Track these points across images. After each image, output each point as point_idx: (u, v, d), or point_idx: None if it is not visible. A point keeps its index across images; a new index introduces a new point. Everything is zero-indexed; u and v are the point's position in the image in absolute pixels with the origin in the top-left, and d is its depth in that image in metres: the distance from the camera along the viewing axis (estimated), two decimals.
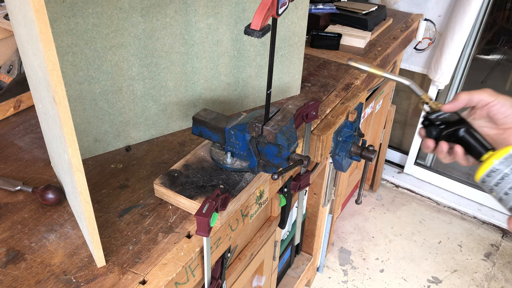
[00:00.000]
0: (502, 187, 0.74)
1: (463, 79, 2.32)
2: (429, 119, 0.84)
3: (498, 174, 0.74)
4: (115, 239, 0.84)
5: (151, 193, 0.95)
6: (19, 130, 1.13)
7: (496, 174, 0.74)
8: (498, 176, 0.74)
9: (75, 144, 0.65)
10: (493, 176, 0.74)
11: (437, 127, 0.83)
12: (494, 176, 0.74)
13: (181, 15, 1.02)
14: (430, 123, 0.84)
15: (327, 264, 2.18)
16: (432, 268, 2.18)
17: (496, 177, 0.74)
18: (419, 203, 2.55)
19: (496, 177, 0.74)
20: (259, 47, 1.18)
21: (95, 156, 1.06)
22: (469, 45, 2.19)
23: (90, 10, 0.90)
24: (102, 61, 0.96)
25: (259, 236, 1.22)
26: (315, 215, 1.72)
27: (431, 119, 0.83)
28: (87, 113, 1.00)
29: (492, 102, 0.77)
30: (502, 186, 0.74)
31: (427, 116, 0.84)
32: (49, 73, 0.59)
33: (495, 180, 0.74)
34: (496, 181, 0.74)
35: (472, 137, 0.80)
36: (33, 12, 0.55)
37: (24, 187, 0.94)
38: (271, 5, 0.73)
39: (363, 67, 0.90)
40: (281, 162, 0.89)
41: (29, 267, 0.79)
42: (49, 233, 0.85)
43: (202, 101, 1.17)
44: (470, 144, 0.80)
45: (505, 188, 0.74)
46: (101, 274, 0.78)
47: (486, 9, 2.10)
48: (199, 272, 0.86)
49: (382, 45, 1.70)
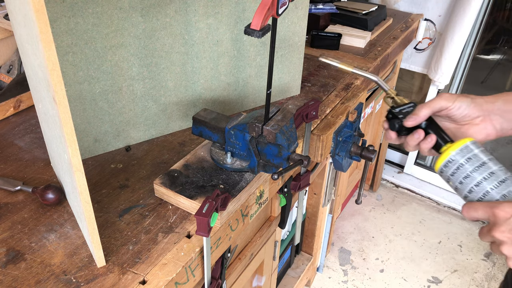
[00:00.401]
0: (457, 176, 0.79)
1: (463, 79, 2.32)
2: (393, 112, 0.88)
3: (454, 164, 0.79)
4: (115, 239, 0.84)
5: (151, 193, 0.95)
6: (19, 130, 1.13)
7: (452, 164, 0.79)
8: (454, 166, 0.79)
9: (75, 144, 0.65)
10: (450, 166, 0.79)
11: (399, 120, 0.87)
12: (451, 167, 0.79)
13: (181, 15, 1.02)
14: (393, 116, 0.88)
15: (327, 264, 2.18)
16: (432, 268, 2.18)
17: (452, 167, 0.79)
18: (419, 203, 2.55)
19: (452, 167, 0.79)
20: (259, 47, 1.18)
21: (95, 156, 1.06)
22: (469, 45, 2.19)
23: (90, 10, 0.90)
24: (102, 61, 0.96)
25: (259, 236, 1.22)
26: (315, 215, 1.72)
27: (394, 112, 0.88)
28: (87, 113, 1.00)
29: (450, 106, 0.83)
30: (457, 176, 0.79)
31: (391, 109, 0.88)
32: (49, 73, 0.59)
33: (451, 170, 0.79)
34: (452, 171, 0.79)
35: (433, 130, 0.85)
36: (33, 12, 0.55)
37: (24, 187, 0.94)
38: (271, 5, 0.73)
39: (333, 63, 0.95)
40: (281, 162, 0.89)
41: (29, 267, 0.79)
42: (49, 233, 0.85)
43: (202, 101, 1.17)
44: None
45: (460, 178, 0.78)
46: (101, 274, 0.78)
47: (486, 9, 2.10)
48: (199, 272, 0.86)
49: (382, 45, 1.70)
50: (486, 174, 0.76)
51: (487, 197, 0.75)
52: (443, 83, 2.16)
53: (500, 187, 0.74)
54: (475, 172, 0.76)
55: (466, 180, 0.77)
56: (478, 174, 0.76)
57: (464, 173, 0.78)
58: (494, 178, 0.75)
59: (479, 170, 0.76)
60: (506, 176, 0.75)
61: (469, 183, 0.77)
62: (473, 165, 0.77)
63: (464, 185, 0.78)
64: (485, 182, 0.75)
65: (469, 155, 0.78)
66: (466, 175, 0.77)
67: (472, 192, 0.77)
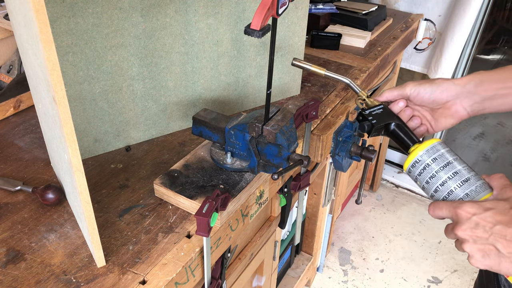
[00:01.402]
0: (424, 176, 0.81)
1: None
2: (363, 114, 0.91)
3: (421, 164, 0.81)
4: (115, 239, 0.84)
5: (151, 193, 0.95)
6: (19, 130, 1.13)
7: (419, 164, 0.81)
8: (421, 166, 0.81)
9: (75, 144, 0.65)
10: (417, 166, 0.82)
11: (369, 121, 0.90)
12: (418, 167, 0.82)
13: (181, 15, 1.02)
14: (363, 118, 0.91)
15: (327, 264, 2.18)
16: (432, 268, 2.18)
17: (419, 167, 0.82)
18: (419, 203, 2.55)
19: (419, 167, 0.82)
20: (259, 47, 1.18)
21: (95, 156, 1.06)
22: (469, 45, 2.19)
23: (90, 10, 0.90)
24: (102, 61, 0.96)
25: (259, 236, 1.22)
26: (315, 215, 1.72)
27: (364, 114, 0.91)
28: (87, 113, 1.00)
29: (413, 93, 0.90)
30: (424, 176, 0.81)
31: (362, 111, 0.92)
32: (49, 73, 0.59)
33: (418, 170, 0.82)
34: (419, 171, 0.82)
35: (401, 131, 0.89)
36: (33, 12, 0.55)
37: (24, 187, 0.94)
38: (271, 5, 0.73)
39: (305, 66, 1.00)
40: (281, 162, 0.89)
41: (29, 267, 0.79)
42: (49, 233, 0.85)
43: (202, 101, 1.17)
44: (399, 138, 0.89)
45: (426, 177, 0.81)
46: (101, 274, 0.78)
47: (486, 9, 2.10)
48: (199, 272, 0.86)
49: (382, 45, 1.70)
50: (451, 173, 0.78)
51: (451, 196, 0.78)
52: None
53: (463, 185, 0.77)
54: (441, 172, 0.79)
55: (432, 179, 0.80)
56: (443, 174, 0.79)
57: (430, 172, 0.80)
58: (458, 177, 0.77)
59: (444, 170, 0.79)
60: (469, 175, 0.77)
61: (435, 182, 0.79)
62: (438, 165, 0.79)
63: (430, 184, 0.80)
64: (450, 181, 0.78)
65: (435, 155, 0.80)
66: (432, 174, 0.80)
67: (437, 192, 0.80)
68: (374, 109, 0.91)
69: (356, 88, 0.97)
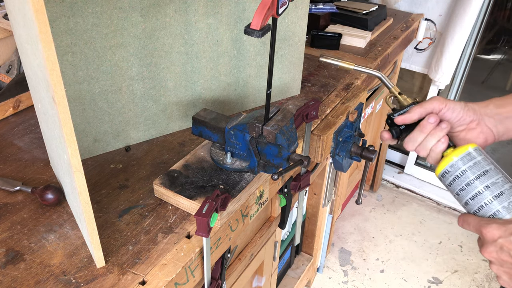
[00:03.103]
0: (457, 185, 0.78)
1: (463, 79, 2.32)
2: (392, 118, 0.86)
3: (456, 170, 0.77)
4: (115, 240, 0.84)
5: (151, 194, 0.95)
6: (18, 130, 1.13)
7: (454, 170, 0.77)
8: (455, 172, 0.77)
9: (75, 144, 0.65)
10: (450, 173, 0.78)
11: (398, 127, 0.86)
12: (452, 172, 0.78)
13: (181, 15, 1.02)
14: (392, 123, 0.86)
15: (327, 265, 2.18)
16: (433, 268, 2.18)
17: (452, 175, 0.78)
18: (420, 203, 2.55)
19: (452, 175, 0.78)
20: (259, 47, 1.18)
21: (94, 156, 1.06)
22: (470, 45, 2.19)
23: (90, 10, 0.90)
24: (102, 61, 0.96)
25: (259, 236, 1.22)
26: (315, 215, 1.72)
27: (393, 118, 0.86)
28: (87, 113, 1.00)
29: (443, 109, 0.82)
30: (457, 184, 0.78)
31: (391, 115, 0.87)
32: (49, 73, 0.59)
33: (451, 177, 0.78)
34: (452, 178, 0.78)
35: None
36: (33, 12, 0.55)
37: (23, 187, 0.94)
38: (271, 5, 0.73)
39: (334, 61, 0.98)
40: (281, 162, 0.89)
41: (29, 268, 0.79)
42: (48, 233, 0.85)
43: (202, 101, 1.17)
44: None
45: (459, 186, 0.77)
46: (101, 275, 0.78)
47: (486, 9, 2.10)
48: (199, 272, 0.86)
49: (382, 45, 1.70)
50: (486, 184, 0.74)
51: (484, 209, 0.75)
52: (444, 83, 2.16)
53: (497, 200, 0.74)
54: (476, 181, 0.75)
55: (465, 189, 0.76)
56: (478, 183, 0.75)
57: (464, 181, 0.76)
58: (493, 190, 0.74)
59: (480, 179, 0.75)
60: (503, 188, 0.74)
61: (469, 192, 0.76)
62: (474, 173, 0.76)
63: (463, 194, 0.77)
64: (485, 193, 0.74)
65: (472, 163, 0.76)
66: (467, 183, 0.76)
67: (468, 204, 0.76)
68: (405, 110, 0.85)
69: (388, 83, 0.90)
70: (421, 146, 0.82)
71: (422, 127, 0.81)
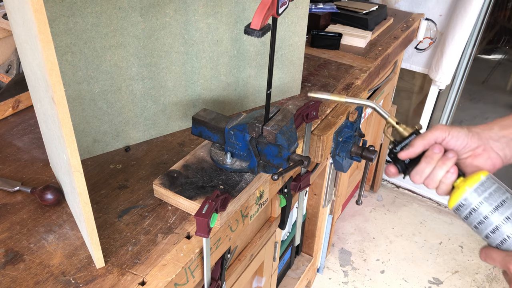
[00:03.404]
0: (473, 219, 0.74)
1: (464, 79, 2.32)
2: (395, 152, 0.82)
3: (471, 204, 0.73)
4: (114, 240, 0.84)
5: (151, 194, 0.95)
6: (17, 130, 1.13)
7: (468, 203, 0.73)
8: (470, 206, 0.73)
9: (74, 144, 0.65)
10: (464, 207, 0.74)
11: (402, 162, 0.81)
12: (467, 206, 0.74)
13: (181, 15, 1.02)
14: (395, 157, 0.82)
15: (327, 265, 2.18)
16: (433, 269, 2.18)
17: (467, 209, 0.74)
18: (420, 204, 2.55)
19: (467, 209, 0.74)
20: (259, 46, 1.18)
21: (94, 156, 1.06)
22: (470, 45, 2.19)
23: (89, 10, 0.90)
24: (101, 61, 0.96)
25: (259, 237, 1.22)
26: (316, 215, 1.72)
27: (396, 152, 0.81)
28: (86, 113, 1.00)
29: (446, 137, 0.78)
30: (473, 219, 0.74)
31: (392, 149, 0.82)
32: (48, 73, 0.59)
33: (466, 211, 0.74)
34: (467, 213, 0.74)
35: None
36: (32, 12, 0.55)
37: (22, 187, 0.94)
38: (271, 5, 0.73)
39: (323, 97, 0.89)
40: (281, 162, 0.89)
41: (28, 268, 0.79)
42: (48, 234, 0.85)
43: (202, 101, 1.17)
44: None
45: (475, 221, 0.73)
46: (100, 275, 0.78)
47: (487, 9, 2.10)
48: (198, 273, 0.86)
49: (382, 45, 1.70)
50: (506, 216, 0.70)
51: (506, 243, 0.71)
52: (444, 83, 2.16)
53: None
54: (495, 213, 0.71)
55: (485, 221, 0.72)
56: (497, 216, 0.71)
57: (483, 214, 0.72)
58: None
59: (498, 210, 0.71)
60: None
61: (488, 225, 0.72)
62: (491, 205, 0.71)
63: (483, 226, 0.72)
64: (505, 225, 0.70)
65: (487, 193, 0.72)
66: (485, 216, 0.72)
67: (489, 238, 0.73)
68: (406, 143, 0.80)
69: (384, 113, 0.85)
70: (429, 178, 0.78)
71: (429, 159, 0.77)
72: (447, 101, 2.34)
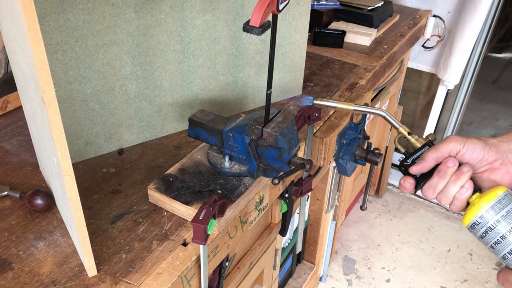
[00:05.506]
0: (489, 239, 0.73)
1: (473, 79, 2.32)
2: (405, 165, 0.81)
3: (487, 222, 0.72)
4: (107, 247, 0.84)
5: (145, 199, 0.95)
6: (5, 132, 1.13)
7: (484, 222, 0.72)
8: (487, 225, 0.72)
9: (65, 147, 0.65)
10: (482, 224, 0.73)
11: (414, 176, 0.80)
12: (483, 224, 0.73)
13: (177, 11, 1.02)
14: (406, 171, 0.81)
15: (330, 274, 2.18)
16: (441, 277, 2.18)
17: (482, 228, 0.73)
18: (427, 209, 2.55)
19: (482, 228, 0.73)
20: (259, 45, 1.18)
21: (86, 159, 1.06)
22: (480, 43, 2.19)
23: (81, 6, 0.90)
24: (94, 60, 0.97)
25: (259, 244, 1.22)
26: (318, 222, 1.72)
27: (407, 165, 0.81)
28: (78, 115, 1.01)
29: (461, 150, 0.77)
30: (489, 238, 0.73)
31: (403, 162, 0.82)
32: (38, 72, 0.59)
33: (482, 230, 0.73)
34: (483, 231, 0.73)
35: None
36: (21, 8, 0.55)
37: (11, 192, 0.94)
38: (271, 1, 0.74)
39: (330, 104, 0.89)
40: (282, 166, 0.89)
41: (17, 277, 0.78)
42: (37, 240, 0.85)
43: (199, 102, 1.17)
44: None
45: (492, 241, 0.72)
46: (93, 284, 0.78)
47: (497, 5, 2.10)
48: (195, 281, 0.86)
49: (388, 43, 1.70)
50: None
51: None
52: (453, 83, 2.16)
53: None
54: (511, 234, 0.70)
55: (503, 241, 0.71)
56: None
57: (500, 233, 0.71)
58: None
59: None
60: None
61: (506, 246, 0.71)
62: (509, 223, 0.70)
63: (500, 246, 0.71)
64: None
65: (504, 211, 0.71)
66: (503, 235, 0.71)
67: (507, 259, 0.72)
68: (418, 155, 0.80)
69: (395, 123, 0.84)
70: (442, 193, 0.76)
71: (442, 173, 0.75)
72: (455, 101, 2.34)
